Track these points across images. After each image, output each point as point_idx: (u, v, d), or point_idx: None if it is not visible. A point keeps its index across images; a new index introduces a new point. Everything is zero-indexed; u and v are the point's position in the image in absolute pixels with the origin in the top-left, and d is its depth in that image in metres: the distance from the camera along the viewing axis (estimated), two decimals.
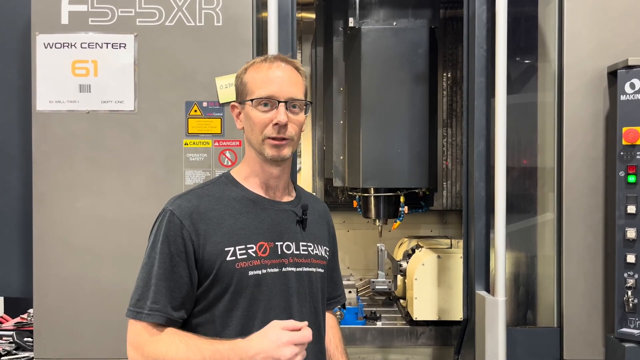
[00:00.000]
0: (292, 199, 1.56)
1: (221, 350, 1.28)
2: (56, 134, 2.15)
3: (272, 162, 1.46)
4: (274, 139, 1.44)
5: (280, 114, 1.42)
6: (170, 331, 1.36)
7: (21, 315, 3.31)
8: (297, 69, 1.50)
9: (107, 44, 2.13)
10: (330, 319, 1.70)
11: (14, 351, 2.74)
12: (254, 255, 1.41)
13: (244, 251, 1.41)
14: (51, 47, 2.13)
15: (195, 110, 2.14)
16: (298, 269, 1.48)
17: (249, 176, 1.51)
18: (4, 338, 2.85)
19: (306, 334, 1.28)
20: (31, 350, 2.48)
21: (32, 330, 2.23)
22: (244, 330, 1.37)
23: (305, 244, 1.51)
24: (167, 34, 2.14)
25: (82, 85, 2.14)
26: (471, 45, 2.21)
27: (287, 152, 1.46)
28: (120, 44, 2.13)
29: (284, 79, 1.45)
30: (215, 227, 1.41)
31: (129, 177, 2.15)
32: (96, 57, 2.13)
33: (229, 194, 1.48)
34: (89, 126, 2.15)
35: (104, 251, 2.14)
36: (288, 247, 1.47)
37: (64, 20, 2.13)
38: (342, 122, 3.00)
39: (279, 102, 1.43)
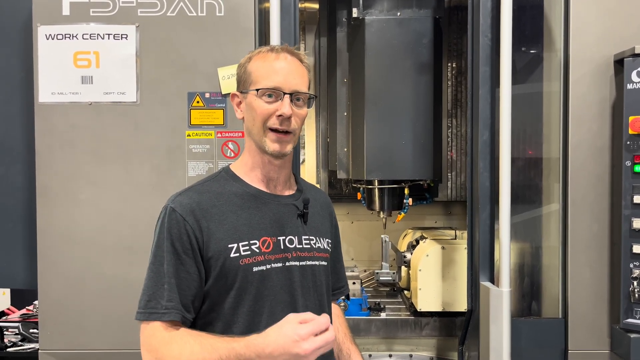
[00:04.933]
0: (294, 192, 1.56)
1: (236, 348, 1.25)
2: (58, 126, 2.14)
3: (272, 155, 1.46)
4: (276, 130, 1.43)
5: (285, 106, 1.41)
6: (183, 331, 1.34)
7: (27, 307, 3.34)
8: (302, 61, 1.49)
9: (108, 35, 2.12)
10: (335, 309, 1.70)
11: (20, 342, 2.76)
12: (257, 251, 1.41)
13: (247, 247, 1.40)
14: (53, 39, 2.12)
15: (198, 102, 2.14)
16: (301, 263, 1.47)
17: (249, 170, 1.50)
18: (10, 329, 2.88)
19: (322, 321, 1.23)
20: (36, 342, 2.50)
21: (37, 321, 2.24)
22: (251, 327, 1.37)
23: (307, 237, 1.51)
24: (168, 24, 2.12)
25: (84, 76, 2.13)
26: (475, 35, 2.19)
27: (289, 148, 1.46)
28: (121, 34, 2.12)
29: (289, 70, 1.44)
30: (217, 224, 1.40)
31: (131, 168, 2.14)
32: (98, 48, 2.12)
33: (230, 189, 1.46)
34: (92, 118, 2.14)
35: (107, 243, 2.14)
36: (291, 242, 1.47)
37: (65, 11, 2.12)
38: (345, 113, 2.99)
39: (284, 94, 1.42)
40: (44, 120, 2.15)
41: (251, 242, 1.41)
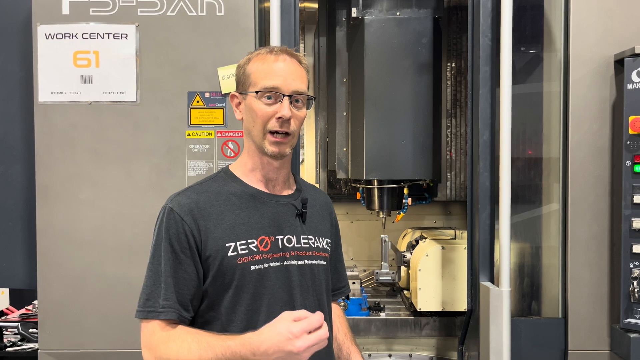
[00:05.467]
0: (292, 192, 1.56)
1: (232, 347, 1.26)
2: (58, 126, 2.14)
3: (271, 156, 1.46)
4: (275, 133, 1.43)
5: (284, 108, 1.41)
6: (182, 330, 1.35)
7: (26, 307, 3.34)
8: (301, 62, 1.49)
9: (108, 34, 2.12)
10: (335, 309, 1.70)
11: (19, 342, 2.76)
12: (255, 250, 1.41)
13: (245, 246, 1.40)
14: (52, 38, 2.12)
15: (198, 101, 2.13)
16: (300, 262, 1.47)
17: (248, 170, 1.50)
18: (9, 329, 2.87)
19: (316, 318, 1.24)
20: (36, 342, 2.49)
21: (37, 321, 2.24)
22: (249, 326, 1.37)
23: (306, 237, 1.51)
24: (168, 24, 2.12)
25: (83, 76, 2.13)
26: (476, 34, 2.19)
27: (287, 149, 1.46)
28: (121, 34, 2.12)
29: (288, 72, 1.44)
30: (216, 223, 1.40)
31: (131, 168, 2.14)
32: (98, 48, 2.12)
33: (228, 189, 1.47)
34: (91, 117, 2.14)
35: (107, 242, 2.14)
36: (289, 241, 1.47)
37: (65, 10, 2.12)
38: (345, 113, 2.99)
39: (284, 95, 1.42)
40: (44, 119, 2.14)
41: (249, 241, 1.41)
